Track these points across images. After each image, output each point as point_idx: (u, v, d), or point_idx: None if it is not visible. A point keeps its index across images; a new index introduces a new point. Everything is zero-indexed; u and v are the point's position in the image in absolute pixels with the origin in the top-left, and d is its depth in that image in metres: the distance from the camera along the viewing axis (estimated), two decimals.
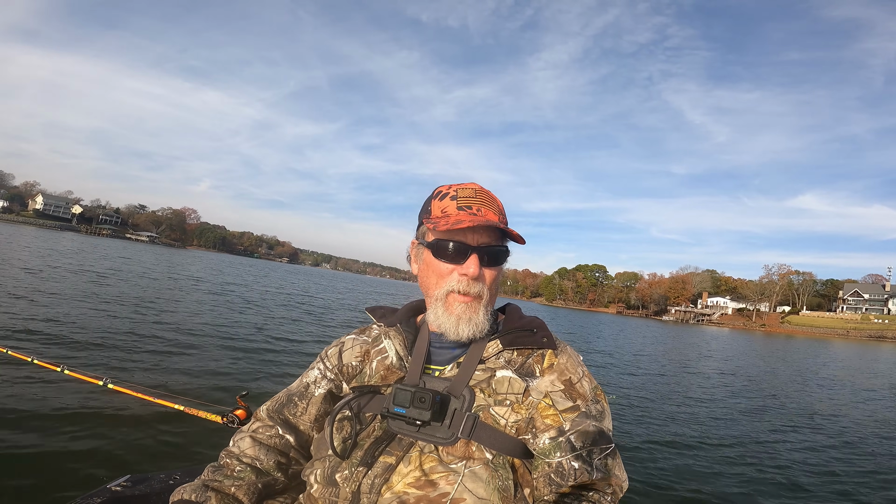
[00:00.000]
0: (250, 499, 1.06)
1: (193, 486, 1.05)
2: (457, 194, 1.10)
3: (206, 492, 1.04)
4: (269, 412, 1.20)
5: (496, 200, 1.13)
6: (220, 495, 1.04)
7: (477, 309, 1.07)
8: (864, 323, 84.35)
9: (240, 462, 1.11)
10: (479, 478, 0.94)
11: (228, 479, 1.07)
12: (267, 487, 1.10)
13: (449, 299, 1.08)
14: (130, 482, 1.43)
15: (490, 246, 1.07)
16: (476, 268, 1.05)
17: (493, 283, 1.10)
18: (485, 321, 1.08)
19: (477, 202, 1.09)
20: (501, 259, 1.10)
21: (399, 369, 1.12)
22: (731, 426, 7.91)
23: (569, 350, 1.13)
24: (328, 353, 1.25)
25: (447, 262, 1.07)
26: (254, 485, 1.08)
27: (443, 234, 1.07)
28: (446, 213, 1.08)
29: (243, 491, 1.06)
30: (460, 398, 1.02)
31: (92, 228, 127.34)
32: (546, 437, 0.98)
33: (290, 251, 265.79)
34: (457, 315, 1.06)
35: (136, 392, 3.02)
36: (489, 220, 1.05)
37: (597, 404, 1.05)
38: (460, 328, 1.06)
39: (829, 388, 14.45)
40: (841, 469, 6.04)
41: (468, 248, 1.05)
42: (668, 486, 4.84)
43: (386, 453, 1.00)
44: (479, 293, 1.07)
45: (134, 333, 8.08)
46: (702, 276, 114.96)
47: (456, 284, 1.06)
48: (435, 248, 1.08)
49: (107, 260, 26.77)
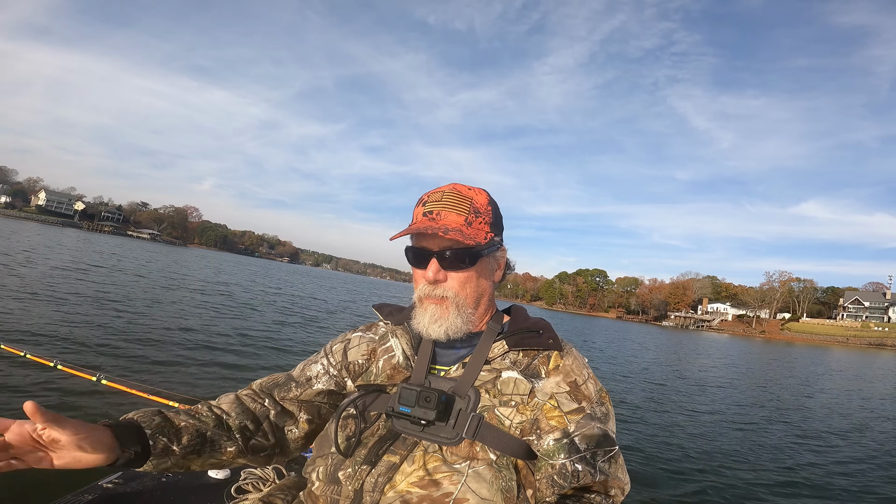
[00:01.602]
0: (191, 441, 1.00)
1: (149, 410, 1.00)
2: (427, 199, 1.10)
3: (155, 416, 0.98)
4: (261, 386, 1.20)
5: (469, 199, 1.10)
6: (165, 422, 0.98)
7: (446, 311, 1.07)
8: (864, 331, 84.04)
9: (209, 410, 1.08)
10: (483, 478, 0.94)
11: (186, 414, 1.03)
12: (213, 443, 1.04)
13: (423, 302, 1.10)
14: (122, 479, 1.43)
15: (450, 249, 1.05)
16: (434, 272, 1.05)
17: (465, 285, 1.09)
18: (459, 322, 1.08)
19: (439, 206, 1.07)
20: (467, 260, 1.07)
21: (405, 369, 1.12)
22: (725, 430, 7.92)
23: (574, 352, 1.12)
24: (333, 349, 1.24)
25: (416, 267, 1.10)
26: (203, 432, 1.02)
27: (411, 239, 1.11)
28: (414, 220, 1.10)
29: (189, 431, 1.00)
30: (465, 398, 1.02)
31: (94, 225, 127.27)
32: (550, 438, 0.98)
33: (290, 251, 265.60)
34: (429, 315, 1.08)
35: (130, 388, 3.03)
36: (442, 226, 1.04)
37: (601, 406, 1.04)
38: (430, 328, 1.08)
39: (826, 393, 14.44)
40: (831, 471, 6.06)
41: (427, 253, 1.07)
42: (664, 489, 4.86)
43: (390, 452, 1.00)
44: (443, 296, 1.07)
45: (129, 330, 8.11)
46: (702, 282, 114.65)
47: (423, 289, 1.09)
48: (407, 255, 1.12)
49: (104, 256, 26.82)
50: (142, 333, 8.04)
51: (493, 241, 1.12)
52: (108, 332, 7.72)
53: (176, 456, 0.98)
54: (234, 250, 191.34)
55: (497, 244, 1.13)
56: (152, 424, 0.96)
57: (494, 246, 1.12)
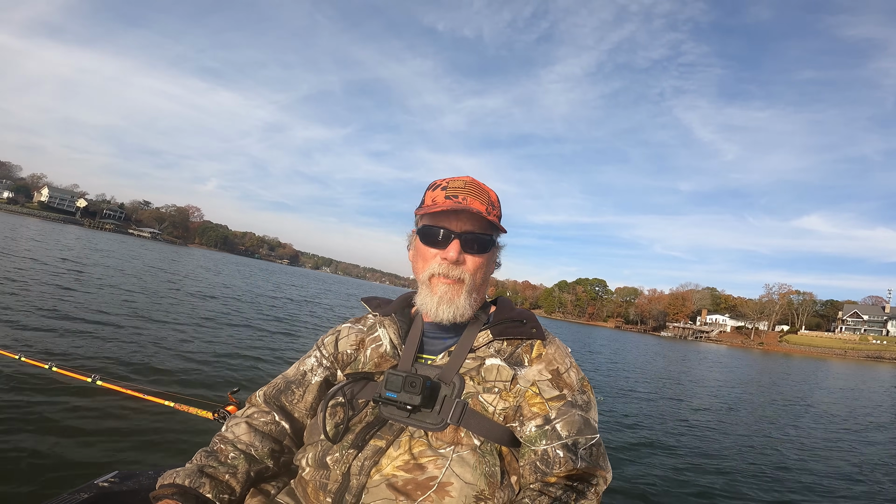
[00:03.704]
0: (242, 487, 1.06)
1: (187, 470, 1.03)
2: (447, 185, 1.15)
3: (201, 477, 1.02)
4: (265, 398, 1.22)
5: (487, 192, 1.17)
6: (213, 482, 1.02)
7: (458, 292, 1.11)
8: (863, 343, 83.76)
9: (234, 448, 1.11)
10: (467, 463, 0.97)
11: (223, 465, 1.07)
12: (258, 475, 1.11)
13: (432, 282, 1.12)
14: (118, 478, 1.42)
15: (472, 233, 1.11)
16: (456, 252, 1.09)
17: (478, 270, 1.13)
18: (466, 306, 1.11)
19: (464, 192, 1.13)
20: (486, 247, 1.13)
21: (392, 357, 1.15)
22: (719, 438, 7.93)
23: (557, 342, 1.16)
24: (325, 342, 1.29)
25: (432, 246, 1.13)
26: (247, 472, 1.08)
27: (429, 219, 1.14)
28: (435, 202, 1.13)
29: (237, 479, 1.06)
30: (450, 385, 1.06)
31: (95, 223, 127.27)
32: (532, 424, 1.01)
33: (291, 253, 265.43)
34: (438, 296, 1.11)
35: (125, 389, 3.00)
36: (471, 207, 1.09)
37: (583, 395, 1.08)
38: (440, 309, 1.10)
39: (822, 403, 14.42)
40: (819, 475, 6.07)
41: (450, 234, 1.10)
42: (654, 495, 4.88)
43: (377, 437, 1.02)
44: (460, 277, 1.11)
45: (124, 330, 8.09)
46: (702, 293, 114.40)
47: (437, 267, 1.11)
48: (422, 233, 1.14)
49: (101, 255, 26.83)
50: (137, 333, 8.03)
51: (500, 234, 1.20)
52: (103, 332, 7.72)
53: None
54: (235, 251, 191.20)
55: (500, 238, 1.21)
56: (208, 488, 1.01)
57: (500, 240, 1.21)
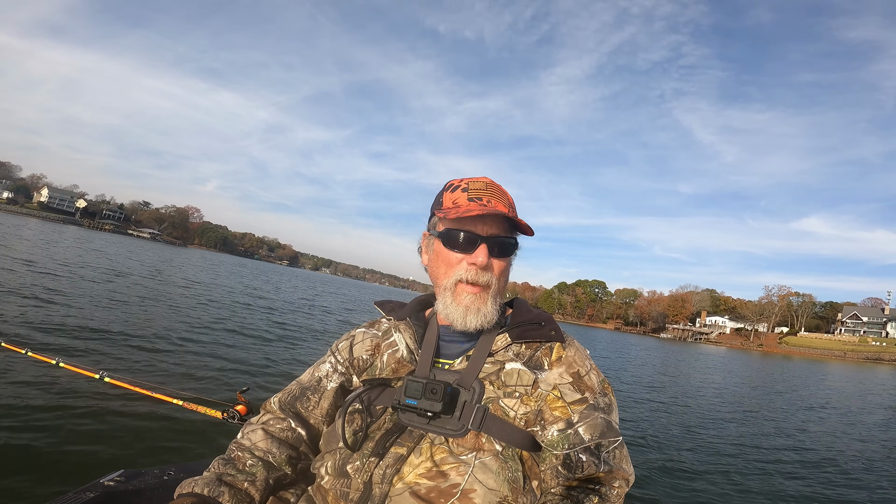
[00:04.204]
0: (261, 495, 1.04)
1: (205, 479, 1.01)
2: (468, 186, 1.11)
3: (220, 486, 1.00)
4: (281, 404, 1.20)
5: (506, 194, 1.14)
6: (232, 490, 1.01)
7: (485, 299, 1.08)
8: (862, 345, 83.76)
9: (252, 455, 1.09)
10: (490, 469, 0.95)
11: (241, 473, 1.05)
12: (277, 482, 1.09)
13: (458, 289, 1.08)
14: (124, 477, 1.41)
15: (499, 237, 1.08)
16: (485, 257, 1.06)
17: (502, 275, 1.11)
18: (493, 312, 1.09)
19: (487, 194, 1.10)
20: (510, 250, 1.11)
21: (409, 362, 1.12)
22: (719, 438, 7.94)
23: (576, 344, 1.13)
24: (339, 347, 1.25)
25: (457, 251, 1.08)
26: (265, 480, 1.06)
27: (453, 223, 1.09)
28: (457, 204, 1.08)
29: (256, 487, 1.04)
30: (470, 390, 1.03)
31: (94, 223, 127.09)
32: (554, 428, 0.98)
33: (290, 254, 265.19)
34: (465, 305, 1.07)
35: (133, 386, 2.97)
36: (499, 210, 1.06)
37: (604, 397, 1.05)
38: (468, 318, 1.07)
39: (819, 405, 14.44)
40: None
41: (478, 238, 1.06)
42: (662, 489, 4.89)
43: (397, 444, 1.00)
44: (488, 283, 1.08)
45: (133, 327, 8.13)
46: (701, 294, 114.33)
47: (465, 274, 1.07)
48: (445, 237, 1.09)
49: (104, 255, 26.83)
50: (147, 331, 8.05)
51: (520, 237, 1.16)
52: (112, 329, 7.73)
53: None
54: (234, 252, 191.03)
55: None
56: (227, 497, 0.99)
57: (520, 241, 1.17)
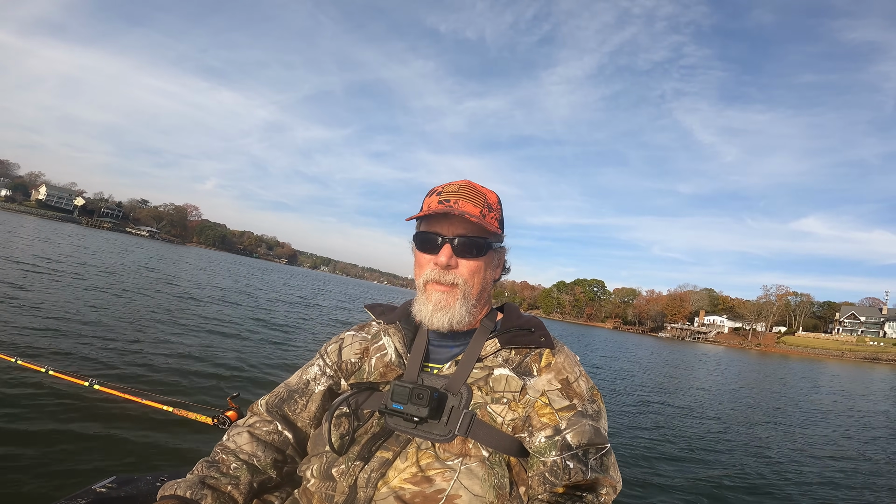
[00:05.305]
0: (245, 498, 1.04)
1: (188, 482, 1.00)
2: (443, 190, 1.13)
3: (203, 489, 0.99)
4: (268, 406, 1.19)
5: (484, 194, 1.14)
6: (215, 493, 1.00)
7: (453, 299, 1.08)
8: (860, 345, 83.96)
9: (236, 458, 1.08)
10: (475, 475, 0.95)
11: (225, 476, 1.04)
12: (261, 486, 1.09)
13: (427, 288, 1.10)
14: (116, 483, 1.40)
15: (464, 236, 1.08)
16: (447, 257, 1.07)
17: (474, 275, 1.10)
18: (463, 312, 1.09)
19: (456, 196, 1.11)
20: (482, 250, 1.10)
21: (398, 366, 1.12)
22: (719, 439, 7.95)
23: (566, 350, 1.13)
24: (328, 350, 1.25)
25: (425, 252, 1.11)
26: (249, 483, 1.06)
27: (423, 225, 1.13)
28: (429, 208, 1.11)
29: (239, 490, 1.03)
30: (458, 395, 1.03)
31: (92, 221, 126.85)
32: (542, 435, 0.98)
33: (289, 252, 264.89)
34: (433, 303, 1.08)
35: (123, 393, 2.96)
36: (464, 210, 1.07)
37: (593, 404, 1.05)
38: (435, 317, 1.08)
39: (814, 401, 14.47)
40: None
41: (441, 238, 1.08)
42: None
43: (383, 449, 1.00)
44: (454, 282, 1.08)
45: (122, 332, 8.07)
46: (700, 294, 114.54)
47: (430, 273, 1.09)
48: (417, 240, 1.13)
49: (99, 255, 26.74)
50: (136, 337, 8.01)
51: (500, 236, 1.16)
52: (101, 335, 7.70)
53: None
54: (233, 250, 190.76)
55: (502, 241, 1.18)
56: (210, 500, 0.98)
57: (500, 242, 1.17)
